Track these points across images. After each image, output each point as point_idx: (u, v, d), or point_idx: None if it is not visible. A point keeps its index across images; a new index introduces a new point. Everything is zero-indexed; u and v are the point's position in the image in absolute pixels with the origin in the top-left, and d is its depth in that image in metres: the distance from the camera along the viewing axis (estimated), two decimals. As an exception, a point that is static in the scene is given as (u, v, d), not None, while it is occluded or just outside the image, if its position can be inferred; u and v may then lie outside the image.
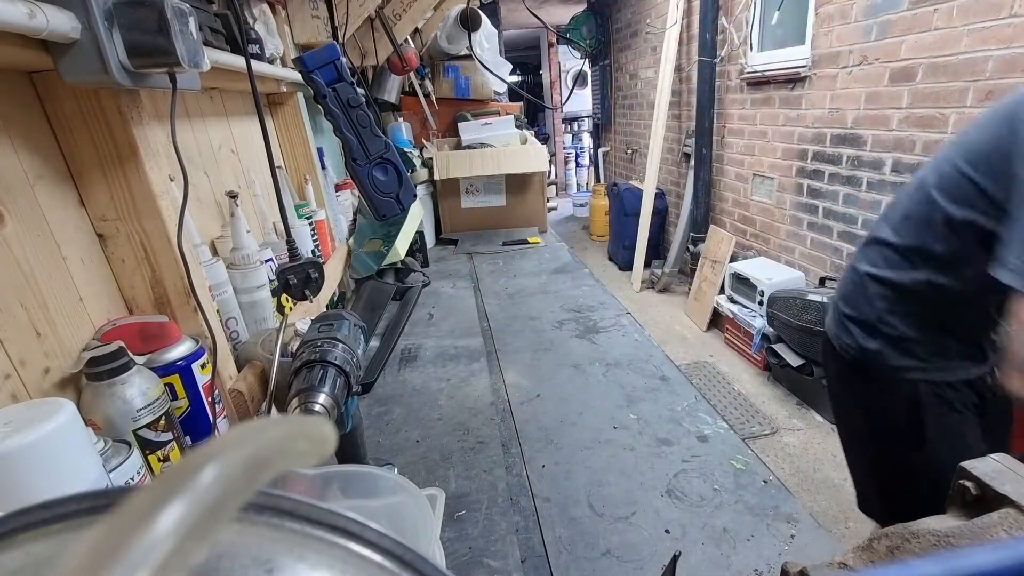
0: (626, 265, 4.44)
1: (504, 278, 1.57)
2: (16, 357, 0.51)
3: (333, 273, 1.29)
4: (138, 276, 0.67)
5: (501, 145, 2.01)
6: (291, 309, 1.00)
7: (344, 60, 0.72)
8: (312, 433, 0.15)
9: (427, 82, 2.16)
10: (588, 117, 6.99)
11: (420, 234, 1.62)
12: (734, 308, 2.78)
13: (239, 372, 0.80)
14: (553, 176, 6.84)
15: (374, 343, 1.03)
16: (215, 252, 0.89)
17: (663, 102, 3.84)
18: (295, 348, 0.61)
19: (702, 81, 3.44)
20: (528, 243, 1.85)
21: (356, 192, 1.64)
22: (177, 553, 0.10)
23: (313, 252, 1.23)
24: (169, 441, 0.59)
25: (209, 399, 0.67)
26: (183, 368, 0.64)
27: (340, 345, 0.58)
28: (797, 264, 2.70)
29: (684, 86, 3.91)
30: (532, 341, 1.07)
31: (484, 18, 2.09)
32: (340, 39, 1.35)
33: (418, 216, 1.57)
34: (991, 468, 0.44)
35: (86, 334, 0.61)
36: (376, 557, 0.17)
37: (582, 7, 5.77)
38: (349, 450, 0.64)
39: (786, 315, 2.29)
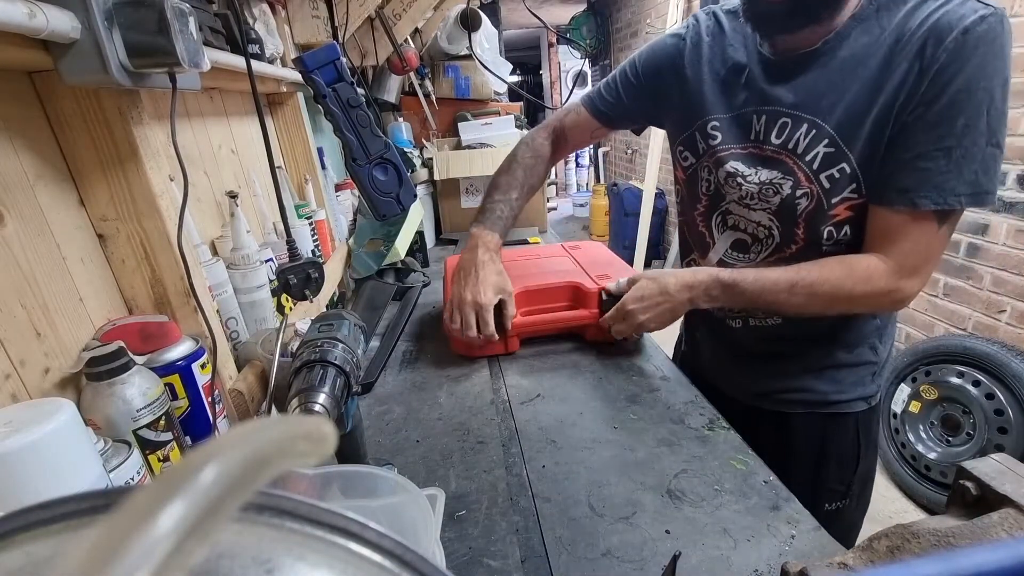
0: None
1: (504, 278, 1.56)
2: (16, 357, 0.51)
3: (333, 273, 1.29)
4: (138, 276, 0.67)
5: (501, 145, 2.01)
6: (291, 309, 1.00)
7: (344, 60, 0.72)
8: (312, 433, 0.15)
9: (427, 82, 2.16)
10: (588, 117, 6.97)
11: (420, 234, 1.62)
12: (734, 308, 2.78)
13: (239, 372, 0.80)
14: (553, 176, 6.84)
15: (374, 343, 1.03)
16: (215, 252, 0.89)
17: (663, 102, 3.83)
18: (295, 348, 0.61)
19: (702, 81, 3.42)
20: (528, 243, 1.85)
21: (356, 192, 1.64)
22: (177, 553, 0.10)
23: (313, 252, 1.23)
24: (169, 441, 0.59)
25: (209, 399, 0.67)
26: (183, 368, 0.64)
27: (340, 345, 0.58)
28: (797, 264, 2.70)
29: (684, 86, 3.90)
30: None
31: (484, 18, 2.09)
32: (340, 39, 1.36)
33: (418, 216, 1.57)
34: (991, 468, 0.44)
35: (86, 334, 0.61)
36: (376, 557, 0.17)
37: (582, 7, 5.77)
38: (349, 450, 0.64)
39: (786, 315, 2.29)
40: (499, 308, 0.96)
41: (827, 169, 0.74)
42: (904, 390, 1.97)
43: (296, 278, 0.73)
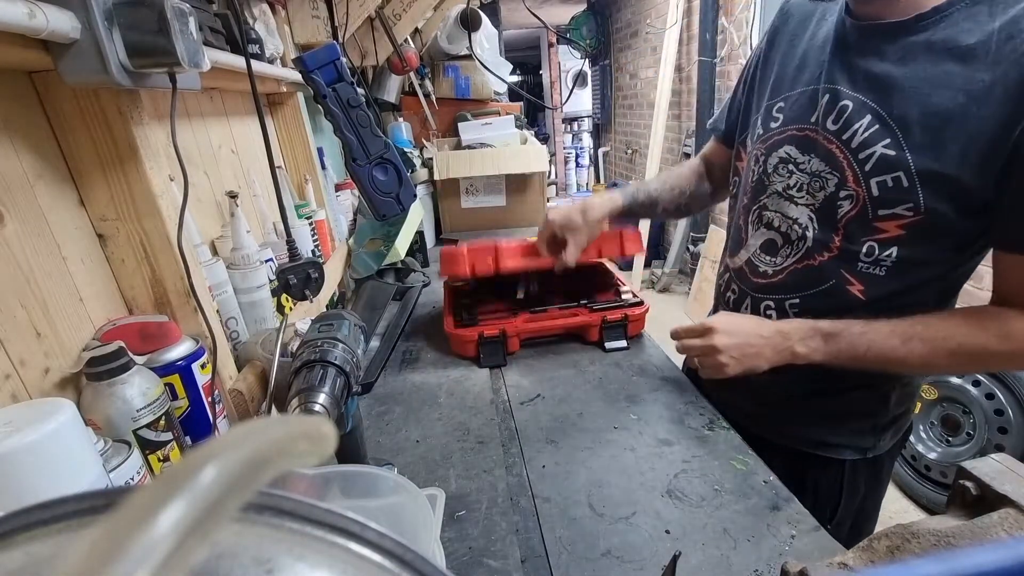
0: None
1: (504, 278, 1.56)
2: (16, 357, 0.51)
3: (333, 273, 1.29)
4: (138, 276, 0.67)
5: (501, 145, 2.01)
6: (291, 309, 1.00)
7: (344, 60, 0.72)
8: (312, 433, 0.15)
9: (427, 82, 2.16)
10: (588, 117, 6.99)
11: (420, 234, 1.62)
12: (734, 308, 2.77)
13: (239, 372, 0.80)
14: (553, 176, 6.84)
15: (374, 343, 1.03)
16: (215, 252, 0.89)
17: (663, 102, 3.84)
18: (295, 348, 0.61)
19: (702, 81, 3.44)
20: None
21: (356, 192, 1.64)
22: (177, 553, 0.10)
23: (313, 252, 1.23)
24: (169, 441, 0.59)
25: (209, 399, 0.67)
26: (183, 368, 0.64)
27: (340, 345, 0.58)
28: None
29: (684, 86, 3.91)
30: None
31: (484, 18, 2.09)
32: (340, 39, 1.35)
33: (418, 216, 1.57)
34: (991, 468, 0.44)
35: (86, 334, 0.61)
36: (376, 557, 0.17)
37: (582, 7, 5.78)
38: (349, 450, 0.64)
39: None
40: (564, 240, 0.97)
41: (880, 175, 0.63)
42: (904, 390, 1.97)
43: (296, 278, 0.73)
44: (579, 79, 6.44)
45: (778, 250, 0.77)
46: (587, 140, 7.25)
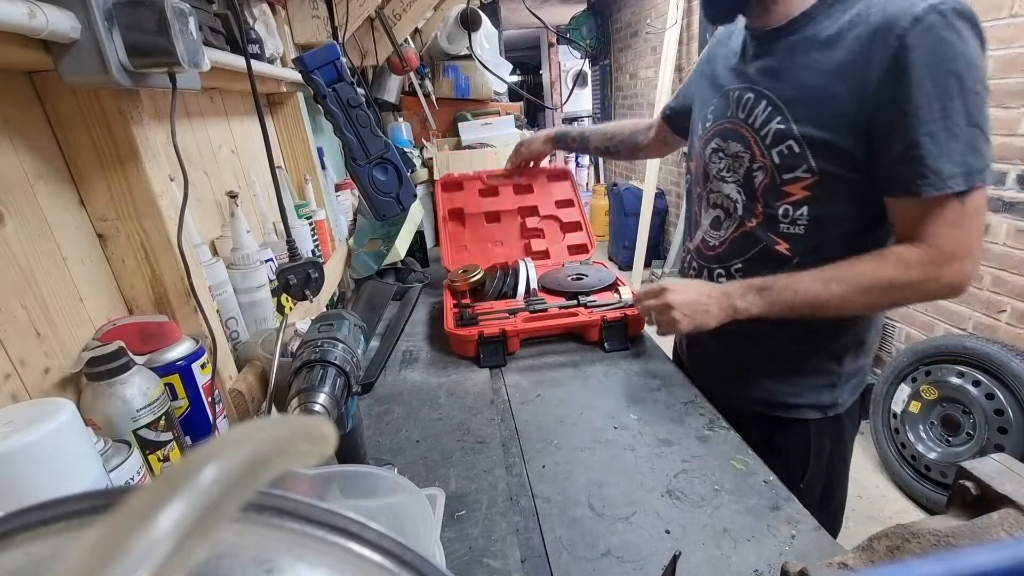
0: (626, 265, 4.44)
1: (504, 278, 1.56)
2: (16, 357, 0.51)
3: (333, 273, 1.29)
4: (138, 276, 0.67)
5: (501, 145, 2.00)
6: (291, 309, 1.00)
7: (344, 60, 0.72)
8: (312, 433, 0.15)
9: (427, 82, 2.15)
10: (588, 117, 6.98)
11: (420, 234, 1.62)
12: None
13: (239, 372, 0.80)
14: (553, 176, 6.82)
15: (374, 343, 1.03)
16: (215, 252, 0.89)
17: (663, 102, 3.83)
18: (295, 348, 0.61)
19: (702, 81, 3.41)
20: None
21: (356, 192, 1.64)
22: (177, 553, 0.10)
23: (313, 252, 1.23)
24: (169, 441, 0.59)
25: (209, 399, 0.67)
26: (183, 368, 0.64)
27: (340, 345, 0.58)
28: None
29: (684, 86, 3.89)
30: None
31: (484, 18, 2.09)
32: (340, 39, 1.35)
33: (418, 216, 1.57)
34: (991, 468, 0.44)
35: (86, 334, 0.61)
36: (376, 557, 0.17)
37: (582, 7, 5.77)
38: (349, 450, 0.64)
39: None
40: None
41: (777, 145, 0.78)
42: (904, 390, 1.97)
43: (296, 278, 0.73)
44: (579, 79, 6.45)
45: (721, 224, 0.90)
46: (587, 140, 7.22)
